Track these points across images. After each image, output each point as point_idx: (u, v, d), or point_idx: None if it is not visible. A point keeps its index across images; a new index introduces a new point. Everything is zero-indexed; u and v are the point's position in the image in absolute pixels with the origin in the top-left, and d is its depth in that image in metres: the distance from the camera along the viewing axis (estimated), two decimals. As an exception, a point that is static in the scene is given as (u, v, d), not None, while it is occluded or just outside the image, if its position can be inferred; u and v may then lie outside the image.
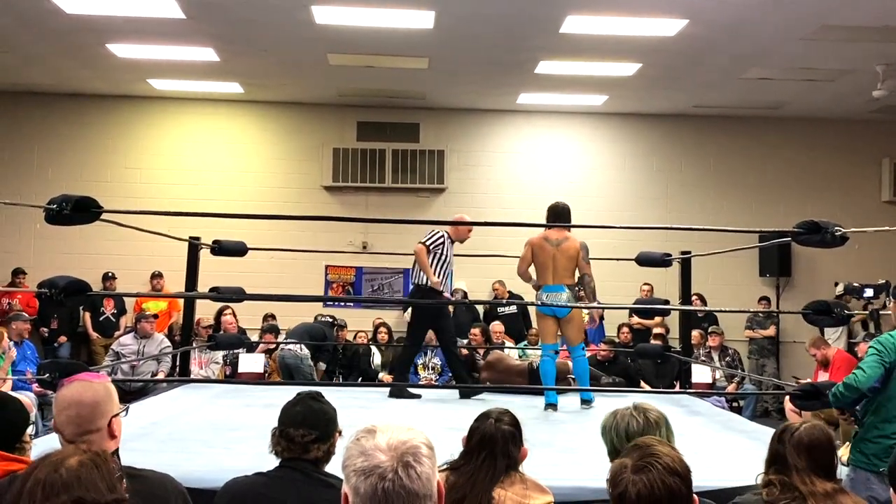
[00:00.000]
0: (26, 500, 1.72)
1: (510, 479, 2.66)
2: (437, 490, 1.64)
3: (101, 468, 1.80)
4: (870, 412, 4.14)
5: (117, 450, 2.00)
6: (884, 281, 5.12)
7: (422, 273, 7.33)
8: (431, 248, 7.34)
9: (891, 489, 1.82)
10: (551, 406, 6.49)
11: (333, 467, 2.84)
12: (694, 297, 10.90)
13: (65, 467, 1.77)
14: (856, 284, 5.02)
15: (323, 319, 10.19)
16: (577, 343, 6.68)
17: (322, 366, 9.68)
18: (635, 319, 11.19)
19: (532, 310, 11.30)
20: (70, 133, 11.89)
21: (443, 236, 7.41)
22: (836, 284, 10.85)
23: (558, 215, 6.75)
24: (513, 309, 11.15)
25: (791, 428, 2.87)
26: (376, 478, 1.57)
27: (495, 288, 11.43)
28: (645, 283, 11.06)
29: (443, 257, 7.37)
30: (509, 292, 11.22)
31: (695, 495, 2.03)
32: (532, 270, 6.83)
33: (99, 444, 2.35)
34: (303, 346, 9.03)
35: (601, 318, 11.38)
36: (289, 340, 9.21)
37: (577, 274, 6.67)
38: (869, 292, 4.93)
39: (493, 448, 2.73)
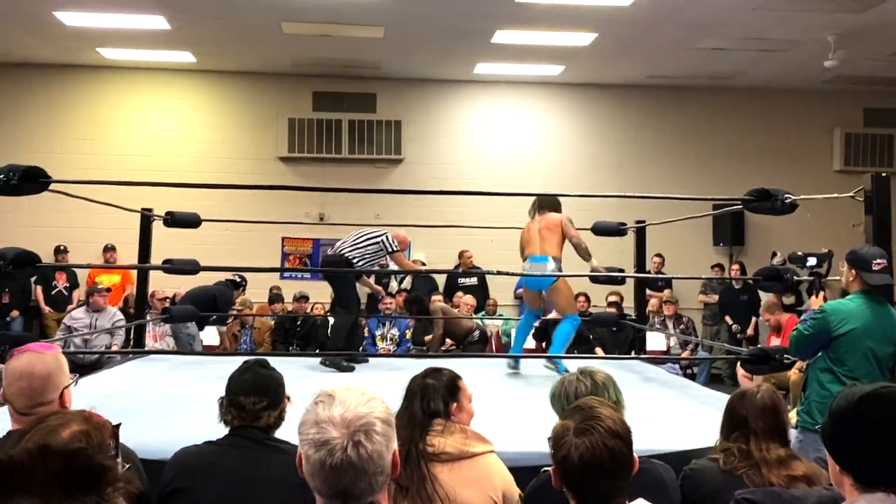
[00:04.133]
0: (14, 467, 1.69)
1: (450, 430, 2.71)
2: (391, 462, 1.64)
3: (93, 443, 1.77)
4: (818, 374, 4.24)
5: (119, 425, 1.95)
6: (826, 250, 5.21)
7: (350, 248, 7.10)
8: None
9: (826, 451, 1.87)
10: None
11: (284, 433, 2.84)
12: (656, 259, 11.13)
13: (56, 440, 1.74)
14: (799, 253, 5.09)
15: (226, 280, 9.97)
16: (568, 313, 6.64)
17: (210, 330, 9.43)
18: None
19: (490, 281, 11.39)
20: (17, 103, 11.62)
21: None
22: (774, 255, 10.96)
23: (541, 203, 6.74)
24: (473, 281, 11.20)
25: (751, 392, 2.88)
26: (325, 452, 1.59)
27: (468, 257, 11.39)
28: (656, 255, 11.16)
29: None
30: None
31: (636, 456, 2.06)
32: None
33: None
34: None
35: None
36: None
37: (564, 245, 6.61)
38: (812, 261, 5.00)
39: (412, 398, 2.79)
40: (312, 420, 1.62)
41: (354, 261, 7.06)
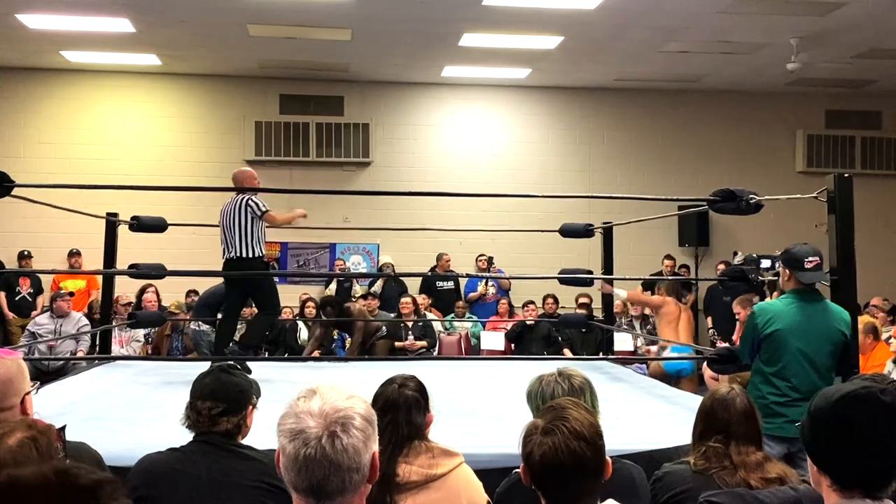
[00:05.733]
0: None
1: (415, 451, 2.62)
2: (369, 463, 1.62)
3: (42, 448, 1.75)
4: (753, 375, 4.28)
5: (64, 427, 1.93)
6: (780, 252, 5.31)
7: (242, 245, 6.54)
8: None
9: (807, 455, 1.84)
10: None
11: (254, 440, 2.82)
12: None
13: (2, 447, 1.72)
14: (754, 255, 5.16)
15: None
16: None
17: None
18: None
19: (464, 284, 11.40)
20: (-21, 107, 11.47)
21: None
22: (735, 254, 11.06)
23: None
24: (450, 284, 11.18)
25: (730, 396, 2.86)
26: (300, 442, 1.57)
27: (446, 260, 11.34)
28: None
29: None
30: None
31: (608, 458, 2.06)
32: None
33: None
34: (200, 324, 8.84)
35: (507, 290, 11.44)
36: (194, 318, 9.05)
37: None
38: (766, 263, 5.07)
39: (396, 413, 2.67)
40: (292, 412, 1.62)
41: (256, 252, 6.57)
